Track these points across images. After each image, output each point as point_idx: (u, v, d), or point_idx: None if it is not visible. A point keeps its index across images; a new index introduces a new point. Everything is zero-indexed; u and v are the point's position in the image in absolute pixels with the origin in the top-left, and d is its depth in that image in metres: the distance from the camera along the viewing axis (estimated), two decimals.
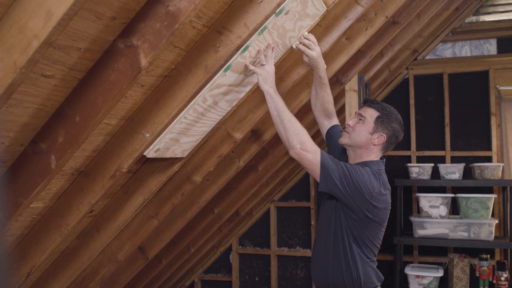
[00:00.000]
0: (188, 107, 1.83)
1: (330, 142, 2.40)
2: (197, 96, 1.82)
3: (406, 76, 4.53)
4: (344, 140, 2.19)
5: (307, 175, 4.75)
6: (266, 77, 1.98)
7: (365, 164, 2.12)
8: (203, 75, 1.73)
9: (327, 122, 2.44)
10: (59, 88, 1.46)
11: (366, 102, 2.23)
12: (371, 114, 2.15)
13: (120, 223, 2.36)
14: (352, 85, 3.25)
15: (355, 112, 2.24)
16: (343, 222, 2.09)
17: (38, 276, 2.41)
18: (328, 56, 2.81)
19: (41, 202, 1.91)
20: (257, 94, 2.55)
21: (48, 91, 1.44)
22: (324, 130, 2.45)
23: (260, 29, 1.81)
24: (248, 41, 1.81)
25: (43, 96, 1.45)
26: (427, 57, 4.52)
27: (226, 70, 1.82)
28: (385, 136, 2.13)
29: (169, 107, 1.77)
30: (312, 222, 4.70)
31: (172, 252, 3.43)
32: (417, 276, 3.88)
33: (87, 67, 1.46)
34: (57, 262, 2.42)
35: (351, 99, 3.21)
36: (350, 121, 2.20)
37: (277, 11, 1.78)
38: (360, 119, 2.16)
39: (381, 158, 2.20)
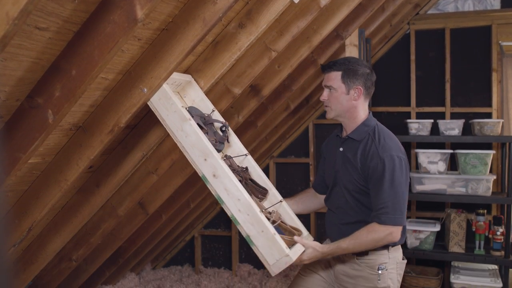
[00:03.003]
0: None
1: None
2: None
3: (408, 31, 4.46)
4: (330, 114, 2.20)
5: (306, 131, 4.75)
6: (312, 254, 2.05)
7: (364, 125, 2.16)
8: (201, 28, 1.69)
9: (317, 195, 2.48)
10: (54, 41, 1.44)
11: (323, 69, 2.21)
12: (334, 78, 2.14)
13: (120, 179, 2.37)
14: (352, 39, 3.20)
15: (323, 86, 2.21)
16: None
17: (39, 231, 2.44)
18: (329, 9, 2.76)
19: (40, 158, 1.91)
20: (256, 48, 2.52)
21: (43, 44, 1.42)
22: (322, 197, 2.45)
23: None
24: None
25: (38, 49, 1.42)
26: (429, 12, 4.44)
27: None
28: (360, 87, 2.13)
29: (167, 61, 1.74)
30: (311, 178, 4.72)
31: (172, 208, 3.46)
32: (414, 231, 3.94)
33: (82, 19, 1.43)
34: (58, 217, 2.44)
35: (351, 54, 3.17)
36: (323, 96, 2.19)
37: None
38: (330, 90, 2.16)
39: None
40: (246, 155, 2.22)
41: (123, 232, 3.06)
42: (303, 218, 2.42)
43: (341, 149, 2.21)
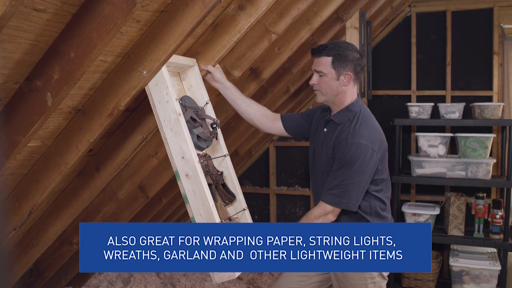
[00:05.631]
0: None
1: (298, 128, 2.44)
2: None
3: (409, 14, 4.43)
4: (320, 99, 2.22)
5: None
6: None
7: (348, 109, 2.18)
8: (201, 10, 1.67)
9: (278, 123, 2.44)
10: (52, 23, 1.42)
11: (313, 53, 2.20)
12: (324, 63, 2.14)
13: (120, 162, 2.37)
14: (353, 22, 3.18)
15: (312, 70, 2.21)
16: None
17: (40, 215, 2.45)
18: None
19: (39, 141, 1.91)
20: (255, 31, 2.50)
21: (41, 26, 1.40)
22: (281, 130, 2.45)
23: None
24: None
25: (36, 31, 1.41)
26: None
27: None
28: (350, 73, 2.14)
29: (166, 43, 1.73)
30: None
31: (172, 191, 3.46)
32: (414, 214, 3.95)
33: (80, 0, 1.42)
34: (58, 201, 2.44)
35: (352, 37, 3.14)
36: (312, 79, 2.20)
37: None
38: (320, 75, 2.16)
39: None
40: (225, 155, 2.23)
41: (124, 215, 3.06)
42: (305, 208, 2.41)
43: (325, 129, 2.25)
